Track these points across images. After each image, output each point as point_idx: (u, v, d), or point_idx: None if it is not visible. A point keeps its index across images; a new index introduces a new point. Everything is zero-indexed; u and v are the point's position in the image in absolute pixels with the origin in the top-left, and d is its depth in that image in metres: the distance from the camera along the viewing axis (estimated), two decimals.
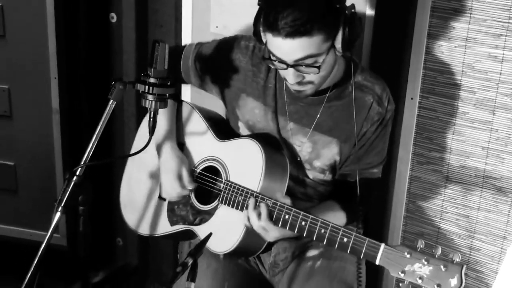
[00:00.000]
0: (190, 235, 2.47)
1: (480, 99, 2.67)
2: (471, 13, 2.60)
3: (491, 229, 2.77)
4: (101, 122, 2.14)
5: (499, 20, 2.55)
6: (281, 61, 2.12)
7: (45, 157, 3.60)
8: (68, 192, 2.13)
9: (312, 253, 2.50)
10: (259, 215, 2.19)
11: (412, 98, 2.80)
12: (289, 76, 2.16)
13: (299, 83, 2.19)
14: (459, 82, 2.69)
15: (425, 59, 2.74)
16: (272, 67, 2.22)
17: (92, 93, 3.45)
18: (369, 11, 2.77)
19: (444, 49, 2.69)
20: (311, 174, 2.45)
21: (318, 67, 2.11)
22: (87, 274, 2.34)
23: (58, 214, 2.12)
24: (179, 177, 2.48)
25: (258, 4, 2.15)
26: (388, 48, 2.77)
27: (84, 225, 2.22)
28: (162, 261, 3.76)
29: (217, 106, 2.64)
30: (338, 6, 2.08)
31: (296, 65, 2.11)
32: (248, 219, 2.22)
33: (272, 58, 2.15)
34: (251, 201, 2.23)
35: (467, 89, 2.69)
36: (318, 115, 2.37)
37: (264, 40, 2.17)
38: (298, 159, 2.43)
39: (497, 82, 2.61)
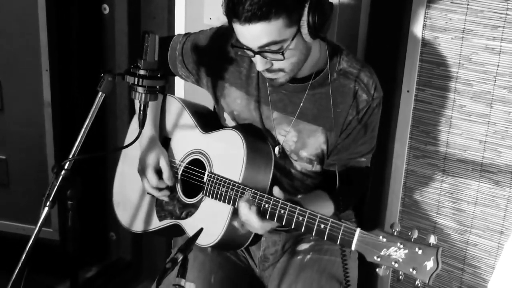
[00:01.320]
0: (179, 231, 2.45)
1: (477, 91, 2.64)
2: (468, 4, 2.56)
3: (488, 224, 2.75)
4: (89, 115, 2.11)
5: (497, 11, 2.51)
6: (248, 48, 2.12)
7: (37, 150, 3.58)
8: (56, 187, 2.09)
9: (302, 247, 2.48)
10: (249, 208, 2.16)
11: (408, 91, 2.77)
12: (257, 63, 2.15)
13: (269, 70, 2.18)
14: (456, 74, 2.66)
15: (421, 51, 2.71)
16: (240, 53, 2.21)
17: (84, 85, 3.42)
18: (365, 3, 2.75)
19: (441, 41, 2.66)
20: (298, 165, 2.43)
21: (282, 53, 2.09)
22: (76, 269, 2.30)
23: (46, 209, 2.09)
24: (157, 172, 2.47)
25: None
26: (383, 40, 2.74)
27: (73, 220, 2.19)
28: (156, 256, 3.74)
29: (209, 100, 2.60)
30: None
31: (261, 51, 2.10)
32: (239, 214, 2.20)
33: (240, 45, 2.15)
34: (244, 197, 2.20)
35: (464, 81, 2.65)
36: (301, 103, 2.34)
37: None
38: (280, 147, 2.40)
39: (495, 75, 2.58)
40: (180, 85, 3.27)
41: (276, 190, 2.14)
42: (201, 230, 2.05)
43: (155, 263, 3.75)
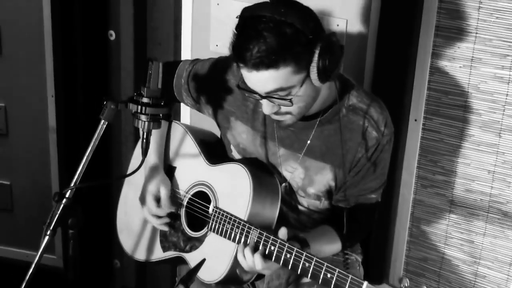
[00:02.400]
0: (183, 261, 2.42)
1: (486, 121, 2.60)
2: (476, 33, 2.54)
3: (497, 255, 2.70)
4: (91, 144, 2.09)
5: (506, 40, 2.49)
6: (254, 92, 2.07)
7: (41, 176, 3.58)
8: (57, 215, 2.06)
9: (306, 279, 2.44)
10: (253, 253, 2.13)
11: (415, 120, 2.74)
12: (264, 106, 2.11)
13: (276, 113, 2.13)
14: (464, 103, 2.63)
15: (429, 80, 2.68)
16: (247, 95, 2.16)
17: (90, 111, 3.40)
18: (372, 31, 2.73)
19: (449, 70, 2.63)
20: (305, 202, 2.38)
21: (290, 100, 2.05)
22: None
23: (46, 238, 2.07)
24: (157, 200, 2.44)
25: (235, 29, 2.08)
26: (391, 68, 2.72)
27: (74, 249, 2.16)
28: (160, 284, 3.72)
29: (215, 126, 2.57)
30: (311, 37, 1.99)
31: (268, 96, 2.06)
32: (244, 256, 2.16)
33: (246, 88, 2.10)
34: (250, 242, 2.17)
35: (473, 110, 2.62)
36: (309, 141, 2.30)
37: None
38: (286, 184, 2.36)
39: (504, 104, 2.55)
40: (186, 109, 3.25)
41: (282, 232, 2.10)
42: (203, 261, 2.03)
43: None
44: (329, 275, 1.98)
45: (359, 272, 2.57)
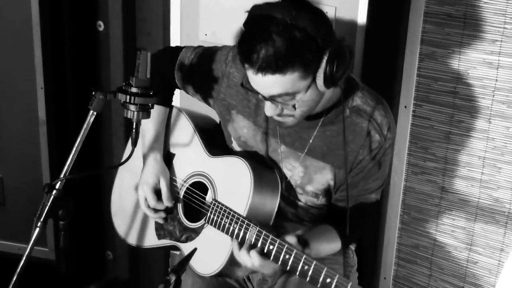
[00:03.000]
0: (176, 248, 2.41)
1: (475, 107, 2.61)
2: (465, 18, 2.53)
3: (489, 241, 2.71)
4: (81, 134, 2.08)
5: (494, 25, 2.49)
6: (258, 93, 2.04)
7: (32, 169, 3.56)
8: (47, 207, 2.06)
9: None
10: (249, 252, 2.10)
11: (405, 107, 2.74)
12: (267, 108, 2.07)
13: (279, 115, 2.09)
14: (453, 89, 2.63)
15: (418, 66, 2.68)
16: (250, 94, 2.14)
17: (80, 103, 3.39)
18: (361, 18, 2.72)
19: (438, 56, 2.63)
20: (303, 198, 2.37)
21: (294, 106, 2.02)
22: None
23: (37, 230, 2.06)
24: (156, 192, 2.42)
25: (243, 26, 2.03)
26: (380, 55, 2.72)
27: (65, 240, 2.16)
28: (153, 275, 3.71)
29: (211, 112, 2.56)
30: (319, 42, 1.95)
31: (272, 99, 2.02)
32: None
33: (250, 88, 2.06)
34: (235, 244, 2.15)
35: (463, 96, 2.62)
36: (311, 140, 2.27)
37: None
38: (285, 181, 2.35)
39: (493, 89, 2.55)
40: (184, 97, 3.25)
41: (293, 240, 2.07)
42: (195, 250, 2.01)
43: (152, 282, 3.71)
44: (328, 280, 1.94)
45: (353, 260, 2.57)
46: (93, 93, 2.07)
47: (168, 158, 2.52)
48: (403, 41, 2.66)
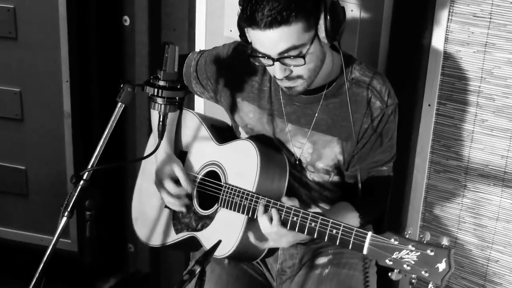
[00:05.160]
0: (196, 245, 2.44)
1: (499, 106, 2.61)
2: (490, 18, 2.54)
3: (510, 240, 2.71)
4: (109, 125, 2.10)
5: None
6: (266, 56, 2.11)
7: (56, 161, 3.58)
8: (74, 197, 2.08)
9: (320, 260, 2.46)
10: (270, 220, 2.15)
11: (429, 105, 2.74)
12: (276, 71, 2.14)
13: (288, 78, 2.16)
14: (478, 88, 2.64)
15: (443, 65, 2.68)
16: (258, 64, 2.20)
17: (104, 96, 3.42)
18: (386, 16, 2.73)
19: (463, 55, 2.63)
20: (315, 177, 2.41)
21: (303, 57, 2.08)
22: (93, 281, 2.30)
23: (64, 219, 2.08)
24: (175, 181, 2.47)
25: (239, 5, 2.13)
26: (405, 53, 2.72)
27: (91, 231, 2.19)
28: (174, 268, 3.73)
29: (227, 116, 2.60)
30: None
31: (281, 58, 2.10)
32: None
33: (258, 54, 2.14)
34: (260, 208, 2.18)
35: (486, 95, 2.63)
36: (316, 114, 2.33)
37: (249, 39, 2.17)
38: (297, 161, 2.40)
39: None
40: (200, 100, 3.26)
41: (288, 200, 2.16)
42: (219, 242, 2.04)
43: (172, 275, 3.73)
44: (334, 231, 2.02)
45: None
46: (121, 85, 2.09)
47: (181, 157, 2.56)
48: (428, 40, 2.67)
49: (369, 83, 2.29)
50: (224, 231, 2.32)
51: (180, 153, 2.58)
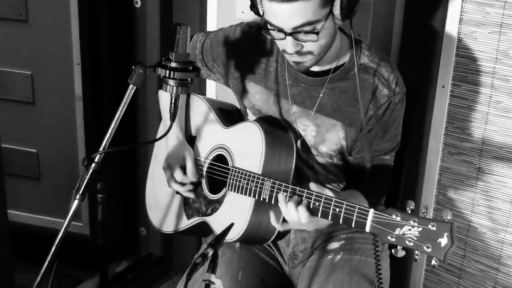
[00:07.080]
0: (207, 230, 2.43)
1: None
2: None
3: None
4: (120, 107, 2.08)
5: None
6: (279, 30, 2.09)
7: (68, 144, 3.60)
8: (86, 180, 2.07)
9: (332, 246, 2.44)
10: (297, 205, 2.11)
11: (443, 86, 2.72)
12: (288, 45, 2.12)
13: (298, 53, 2.15)
14: (492, 70, 2.61)
15: (457, 46, 2.66)
16: (269, 37, 2.18)
17: (116, 79, 3.41)
18: None
19: (477, 36, 2.61)
20: (320, 160, 2.40)
21: (317, 33, 2.07)
22: (106, 264, 2.30)
23: (76, 202, 2.08)
24: (183, 169, 2.46)
25: None
26: (419, 34, 2.70)
27: (103, 214, 2.18)
28: (185, 252, 3.73)
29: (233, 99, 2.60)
30: None
31: (294, 32, 2.08)
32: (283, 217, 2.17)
33: (270, 27, 2.12)
34: (281, 196, 2.16)
35: (501, 77, 2.60)
36: (320, 95, 2.31)
37: (261, 12, 2.16)
38: (301, 139, 2.38)
39: None
40: (211, 84, 3.25)
41: (313, 186, 2.12)
42: (231, 225, 2.02)
43: (184, 259, 3.74)
44: (337, 210, 2.01)
45: None
46: (133, 67, 2.08)
47: (190, 141, 2.55)
48: (442, 21, 2.64)
49: (376, 70, 2.27)
50: (232, 215, 2.31)
51: (190, 138, 2.57)
